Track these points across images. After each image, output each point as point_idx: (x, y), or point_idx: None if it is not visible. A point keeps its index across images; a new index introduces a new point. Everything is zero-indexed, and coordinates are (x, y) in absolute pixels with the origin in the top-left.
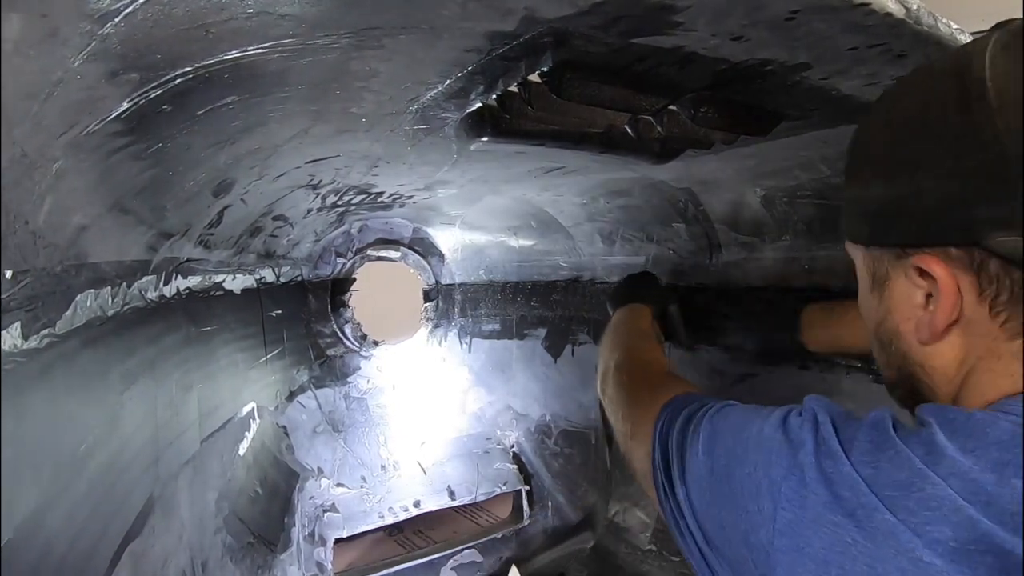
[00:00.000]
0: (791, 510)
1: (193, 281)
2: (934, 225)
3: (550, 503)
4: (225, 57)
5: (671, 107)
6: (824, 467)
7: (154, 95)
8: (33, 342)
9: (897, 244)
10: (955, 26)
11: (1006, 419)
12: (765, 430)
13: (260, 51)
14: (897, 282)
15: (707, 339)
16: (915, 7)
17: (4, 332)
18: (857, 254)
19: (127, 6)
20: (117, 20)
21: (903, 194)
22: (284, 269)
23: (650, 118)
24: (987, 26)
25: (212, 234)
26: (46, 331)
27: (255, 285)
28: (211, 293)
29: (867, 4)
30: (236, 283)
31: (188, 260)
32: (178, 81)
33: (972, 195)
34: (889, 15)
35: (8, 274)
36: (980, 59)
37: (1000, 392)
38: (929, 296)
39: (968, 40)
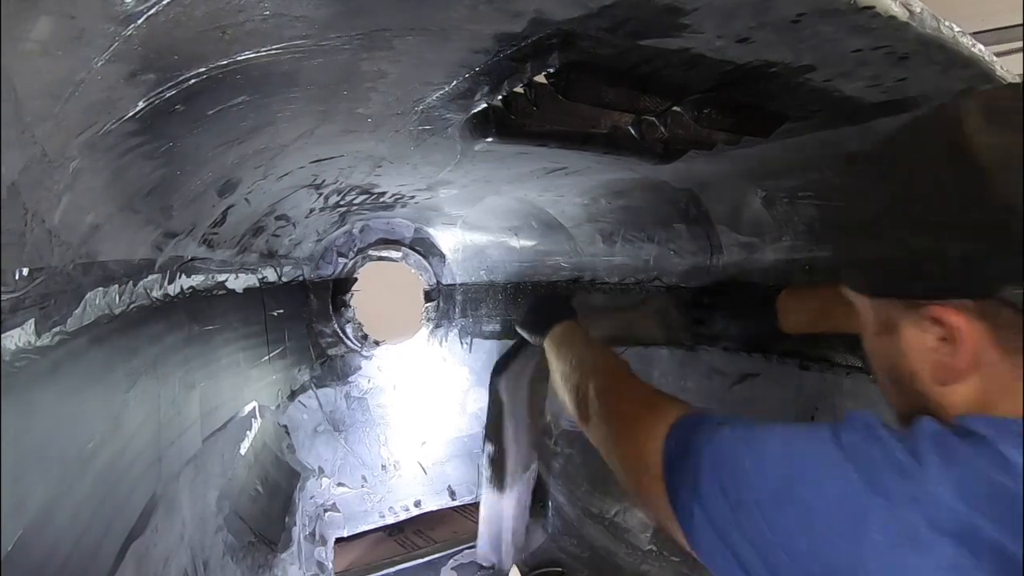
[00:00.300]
0: (882, 533)
1: (196, 280)
2: (948, 280)
3: (550, 503)
4: (239, 58)
5: (675, 108)
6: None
7: (168, 95)
8: (45, 339)
9: (909, 296)
10: (957, 28)
11: None
12: (824, 450)
13: (273, 52)
14: (909, 329)
15: (697, 333)
16: (919, 10)
17: (19, 329)
18: (861, 301)
19: (151, 8)
20: (140, 22)
21: (913, 251)
22: (286, 269)
23: (654, 119)
24: (985, 26)
25: (216, 233)
26: (57, 328)
27: (257, 284)
28: (214, 292)
29: (872, 7)
30: (238, 282)
31: (192, 259)
32: (192, 82)
33: (983, 252)
34: (893, 18)
35: (25, 271)
36: (971, 126)
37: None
38: (943, 340)
39: (969, 41)
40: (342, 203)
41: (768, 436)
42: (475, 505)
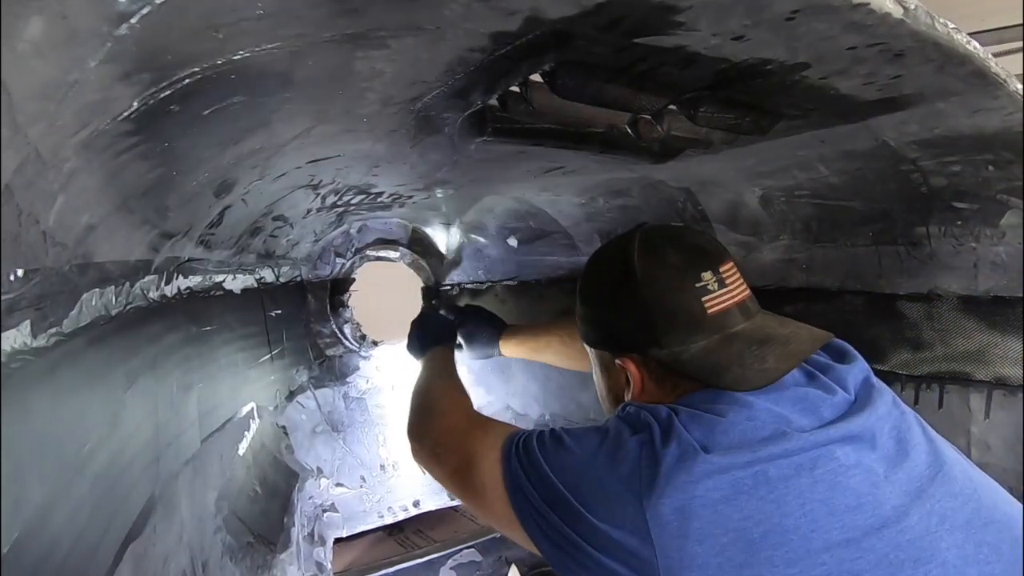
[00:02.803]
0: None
1: (194, 281)
2: (623, 344)
3: None
4: (233, 57)
5: (671, 107)
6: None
7: (163, 95)
8: (41, 340)
9: (608, 351)
10: (952, 25)
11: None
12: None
13: (267, 51)
14: (612, 369)
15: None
16: (913, 7)
17: (15, 330)
18: (590, 350)
19: (144, 7)
20: (133, 21)
21: (607, 324)
22: (284, 269)
23: (650, 118)
24: (984, 26)
25: (213, 234)
26: (54, 330)
27: (255, 285)
28: (211, 293)
29: (867, 4)
30: (236, 283)
31: (189, 260)
32: (187, 81)
33: (637, 330)
34: (888, 15)
35: (20, 272)
36: (631, 252)
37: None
38: (627, 377)
39: (963, 38)
40: (339, 203)
41: (575, 430)
42: None
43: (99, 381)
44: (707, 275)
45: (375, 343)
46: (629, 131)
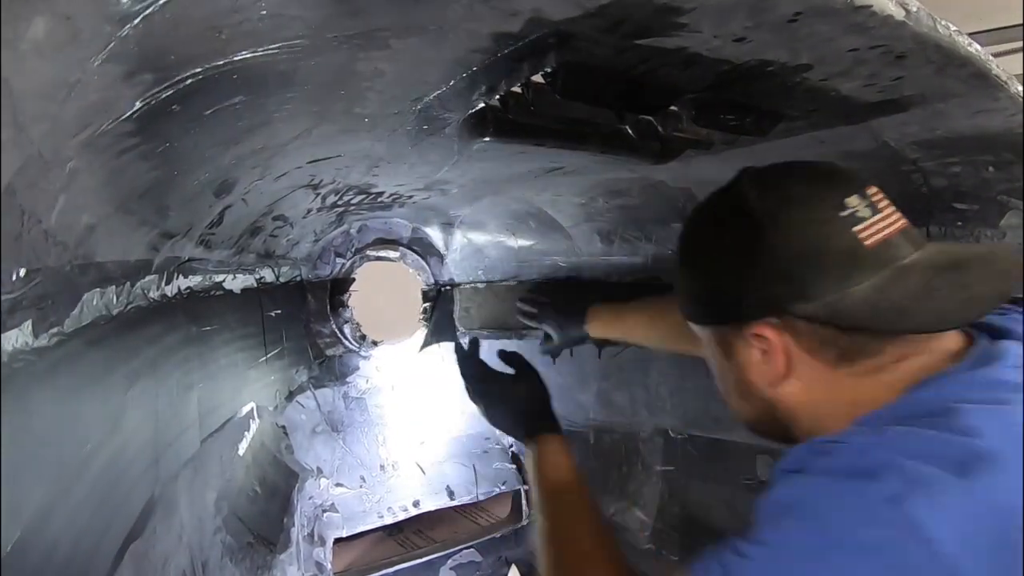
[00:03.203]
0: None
1: (194, 281)
2: (753, 308)
3: None
4: (235, 58)
5: (672, 108)
6: None
7: (165, 95)
8: (43, 340)
9: (736, 321)
10: (953, 28)
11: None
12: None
13: (269, 52)
14: (740, 347)
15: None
16: (915, 9)
17: (16, 330)
18: (703, 333)
19: (147, 7)
20: (136, 22)
21: (726, 289)
22: (283, 269)
23: (651, 119)
24: (984, 26)
25: (213, 234)
26: (55, 329)
27: (255, 285)
28: (211, 293)
29: (869, 6)
30: (236, 283)
31: (189, 260)
32: (189, 82)
33: (770, 285)
34: (890, 17)
35: (22, 272)
36: (744, 194)
37: (857, 405)
38: (764, 352)
39: (965, 40)
40: (339, 203)
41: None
42: (474, 505)
43: (100, 381)
44: (853, 200)
45: (375, 343)
46: (630, 131)
